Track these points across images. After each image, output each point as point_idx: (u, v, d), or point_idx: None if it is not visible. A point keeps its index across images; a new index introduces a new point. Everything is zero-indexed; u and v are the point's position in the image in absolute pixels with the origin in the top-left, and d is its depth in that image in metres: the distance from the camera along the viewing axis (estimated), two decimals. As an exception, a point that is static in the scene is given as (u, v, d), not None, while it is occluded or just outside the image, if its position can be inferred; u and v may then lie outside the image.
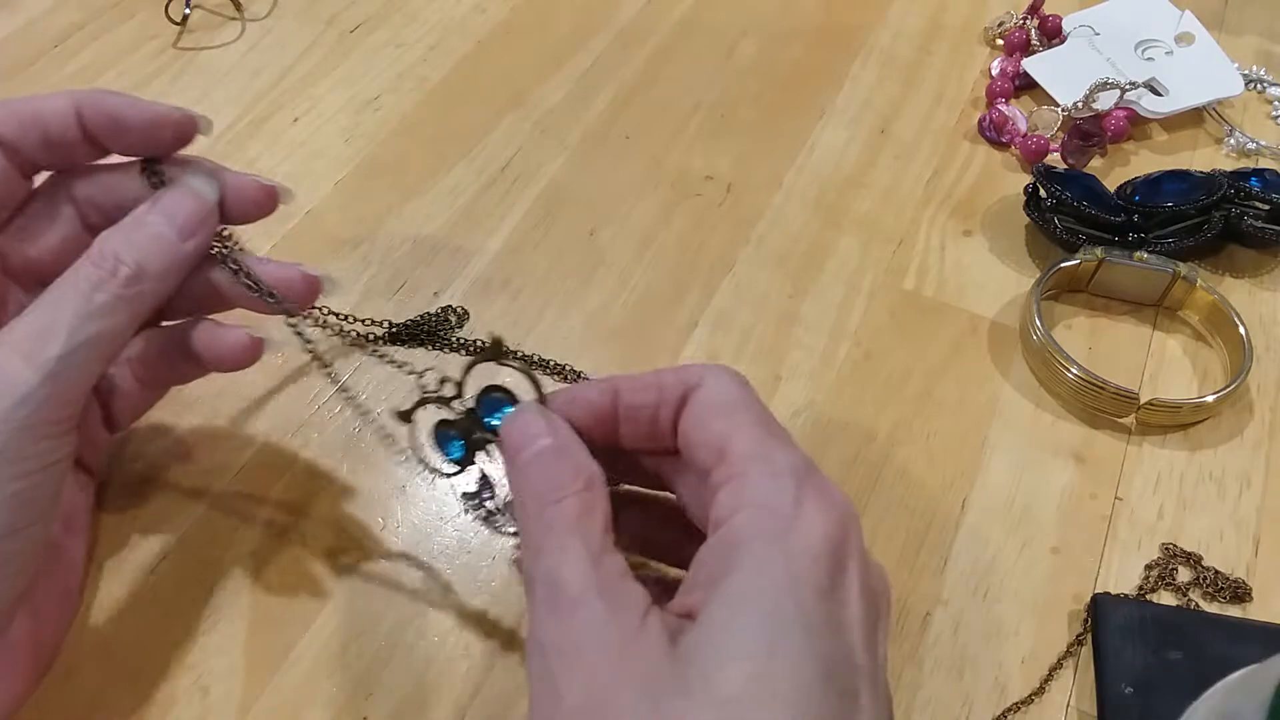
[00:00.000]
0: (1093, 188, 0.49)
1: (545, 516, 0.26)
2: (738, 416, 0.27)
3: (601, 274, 0.48)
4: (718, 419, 0.27)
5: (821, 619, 0.23)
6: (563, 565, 0.25)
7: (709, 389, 0.28)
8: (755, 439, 0.26)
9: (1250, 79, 0.59)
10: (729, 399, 0.28)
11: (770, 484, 0.25)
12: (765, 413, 0.28)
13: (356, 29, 0.59)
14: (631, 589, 0.24)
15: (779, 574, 0.23)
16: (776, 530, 0.24)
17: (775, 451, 0.26)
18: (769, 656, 0.22)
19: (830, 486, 0.26)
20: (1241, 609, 0.39)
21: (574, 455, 0.27)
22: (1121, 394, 0.43)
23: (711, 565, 0.24)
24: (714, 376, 0.28)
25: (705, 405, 0.28)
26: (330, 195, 0.51)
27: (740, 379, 0.29)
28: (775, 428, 0.27)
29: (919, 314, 0.47)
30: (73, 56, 0.56)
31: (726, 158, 0.54)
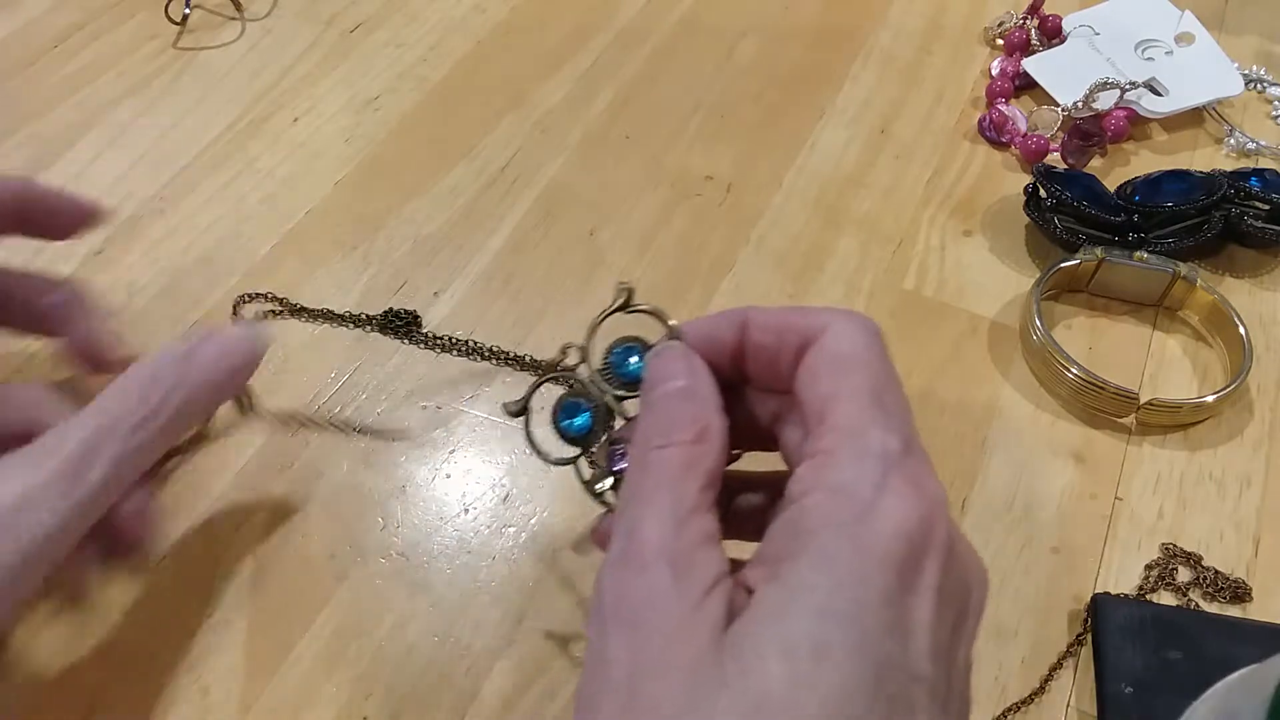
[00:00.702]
0: (1093, 188, 0.49)
1: (647, 461, 0.25)
2: (850, 378, 0.25)
3: (601, 274, 0.48)
4: (828, 377, 0.25)
5: (882, 622, 0.21)
6: (645, 519, 0.24)
7: (831, 340, 0.26)
8: (857, 410, 0.24)
9: (1250, 79, 0.59)
10: (847, 355, 0.26)
11: (854, 468, 0.23)
12: (884, 375, 0.25)
13: (356, 29, 0.59)
14: (707, 558, 0.23)
15: (843, 570, 0.22)
16: (849, 521, 0.22)
17: (872, 429, 0.24)
18: (814, 657, 0.21)
19: (924, 474, 0.24)
20: (1241, 609, 0.39)
21: (697, 402, 0.26)
22: (1121, 394, 0.43)
23: (779, 544, 0.23)
24: (839, 325, 0.26)
25: (822, 358, 0.26)
26: (330, 195, 0.51)
27: (870, 330, 0.26)
28: (889, 395, 0.25)
29: (919, 314, 0.47)
30: (73, 56, 0.56)
31: (726, 158, 0.54)
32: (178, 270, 0.47)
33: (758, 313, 0.28)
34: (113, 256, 0.48)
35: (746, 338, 0.27)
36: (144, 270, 0.47)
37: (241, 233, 0.49)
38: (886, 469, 0.23)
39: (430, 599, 0.37)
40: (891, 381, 0.26)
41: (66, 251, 0.47)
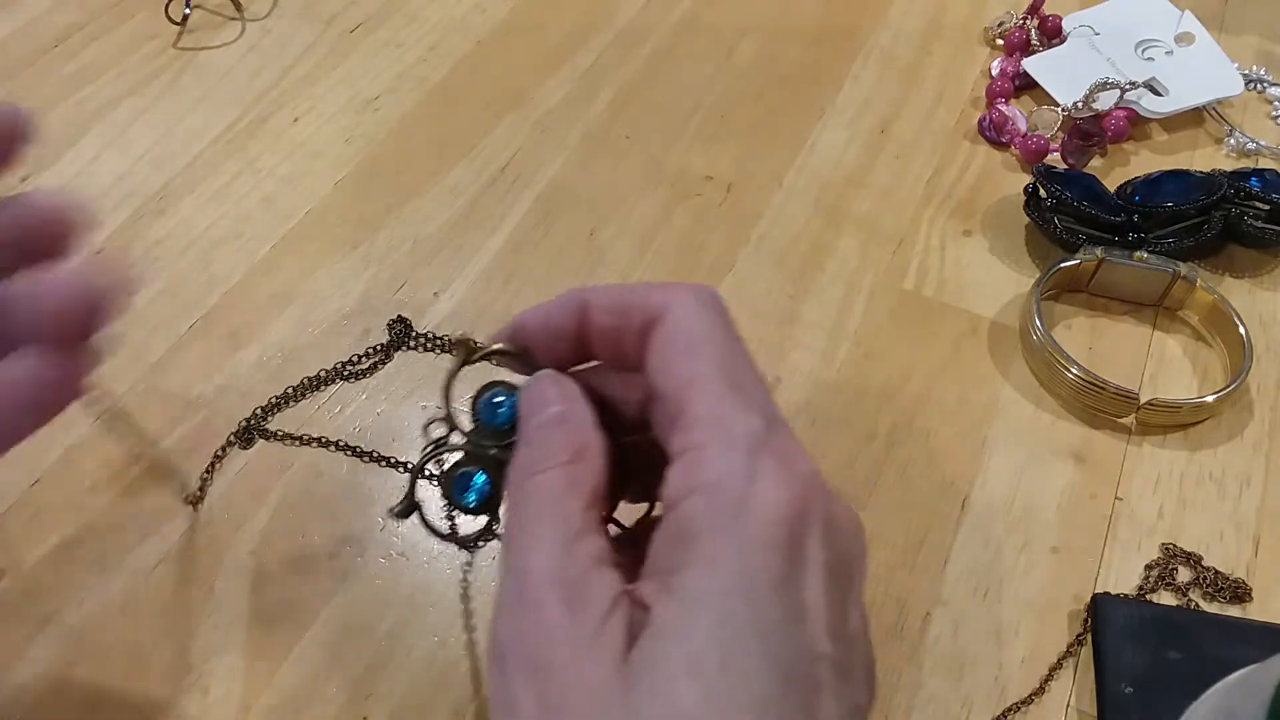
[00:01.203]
0: (1093, 188, 0.49)
1: (525, 490, 0.24)
2: (700, 361, 0.24)
3: (601, 274, 0.48)
4: (678, 361, 0.24)
5: (779, 613, 0.21)
6: (530, 550, 0.23)
7: (674, 320, 0.25)
8: (715, 395, 0.23)
9: (1250, 79, 0.59)
10: (693, 334, 0.24)
11: (722, 460, 0.22)
12: (733, 351, 0.24)
13: (356, 29, 0.59)
14: (600, 582, 0.22)
15: (731, 571, 0.21)
16: (729, 517, 0.22)
17: (732, 413, 0.23)
18: (721, 671, 0.20)
19: (791, 449, 0.23)
20: (1241, 609, 0.39)
21: (572, 422, 0.25)
22: (1121, 394, 0.43)
23: (665, 554, 0.22)
24: (681, 303, 0.25)
25: (669, 341, 0.24)
26: (330, 195, 0.51)
27: (712, 305, 0.25)
28: (742, 372, 0.24)
29: (919, 314, 0.47)
30: (72, 57, 0.56)
31: (726, 158, 0.54)
32: (178, 270, 0.47)
33: (596, 294, 0.26)
34: (113, 256, 0.48)
35: (588, 320, 0.26)
36: (143, 270, 0.47)
37: (241, 233, 0.49)
38: (753, 453, 0.22)
39: (430, 599, 0.37)
40: (742, 355, 0.25)
41: (66, 251, 0.47)
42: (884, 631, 0.38)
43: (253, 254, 0.48)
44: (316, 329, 0.45)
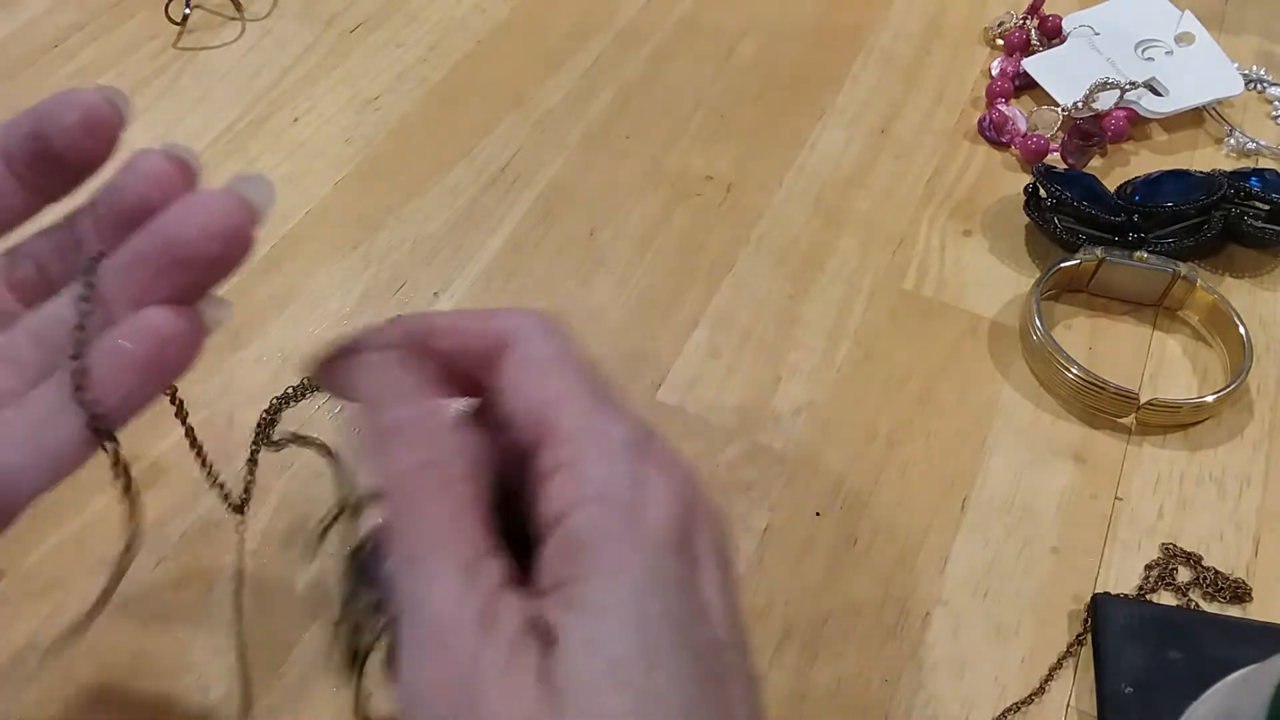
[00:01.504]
0: (1093, 188, 0.49)
1: (406, 521, 0.22)
2: (561, 380, 0.23)
3: (601, 274, 0.48)
4: (538, 384, 0.24)
5: (687, 613, 0.21)
6: (428, 590, 0.21)
7: (525, 344, 0.24)
8: (585, 410, 0.23)
9: (1250, 79, 0.59)
10: (548, 357, 0.24)
11: (606, 469, 0.22)
12: (591, 370, 0.24)
13: (356, 29, 0.59)
14: (508, 609, 0.21)
15: (637, 577, 0.21)
16: (623, 524, 0.21)
17: (608, 424, 0.23)
18: (647, 675, 0.20)
19: (669, 455, 0.23)
20: (1241, 609, 0.39)
21: (446, 430, 0.23)
22: (1121, 394, 0.43)
23: (560, 569, 0.22)
24: (527, 334, 0.24)
25: (524, 364, 0.24)
26: (330, 195, 0.51)
27: (560, 330, 0.25)
28: (603, 389, 0.24)
29: (919, 314, 0.47)
30: (72, 57, 0.56)
31: (726, 158, 0.54)
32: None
33: (443, 318, 0.25)
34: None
35: (434, 346, 0.25)
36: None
37: (241, 233, 0.49)
38: (636, 459, 0.22)
39: (430, 599, 0.37)
40: (597, 373, 0.24)
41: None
42: (884, 631, 0.38)
43: (253, 254, 0.48)
44: (316, 329, 0.45)
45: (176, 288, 0.23)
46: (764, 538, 0.40)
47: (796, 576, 0.39)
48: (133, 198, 0.24)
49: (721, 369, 0.45)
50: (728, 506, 0.40)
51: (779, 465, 0.42)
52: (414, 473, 0.22)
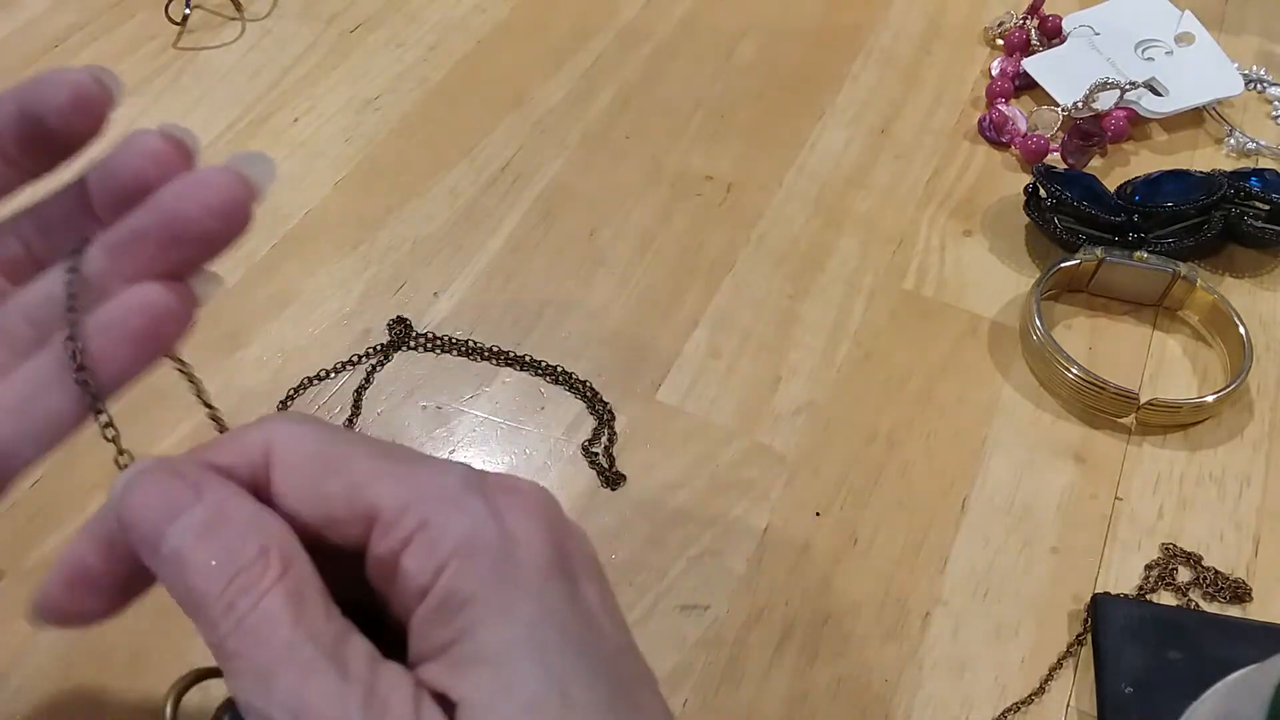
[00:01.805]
0: (1093, 188, 0.49)
1: (248, 629, 0.19)
2: (355, 463, 0.21)
3: (601, 274, 0.48)
4: (328, 479, 0.21)
5: (583, 632, 0.21)
6: (303, 691, 0.19)
7: (287, 449, 0.22)
8: (403, 475, 0.21)
9: (1250, 79, 0.59)
10: (323, 448, 0.22)
11: (461, 517, 0.20)
12: (370, 440, 0.22)
13: (356, 29, 0.59)
14: (393, 686, 0.19)
15: (528, 612, 0.20)
16: (498, 564, 0.20)
17: (434, 477, 0.21)
18: (565, 705, 0.19)
19: (508, 478, 0.22)
20: (1241, 609, 0.39)
21: (247, 521, 0.20)
22: (1121, 394, 0.43)
23: (440, 632, 0.20)
24: (283, 432, 0.22)
25: (298, 471, 0.21)
26: (330, 195, 0.51)
27: (316, 420, 0.23)
28: (400, 450, 0.22)
29: (919, 314, 0.47)
30: (72, 56, 0.56)
31: (726, 158, 0.54)
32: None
33: (181, 464, 0.22)
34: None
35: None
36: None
37: (241, 233, 0.49)
38: (483, 496, 0.21)
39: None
40: (373, 439, 0.22)
41: (66, 251, 0.47)
42: (884, 631, 0.38)
43: (252, 254, 0.48)
44: (316, 329, 0.45)
45: (174, 263, 0.23)
46: (764, 538, 0.40)
47: (796, 576, 0.39)
48: (129, 176, 0.24)
49: (721, 369, 0.45)
50: (728, 506, 0.40)
51: (779, 465, 0.42)
52: (227, 575, 0.20)
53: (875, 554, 0.40)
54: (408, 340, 0.45)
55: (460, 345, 0.45)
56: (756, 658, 0.37)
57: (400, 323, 0.45)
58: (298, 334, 0.45)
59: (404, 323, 0.45)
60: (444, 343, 0.45)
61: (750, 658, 0.37)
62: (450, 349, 0.45)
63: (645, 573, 0.38)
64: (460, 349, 0.45)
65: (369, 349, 0.44)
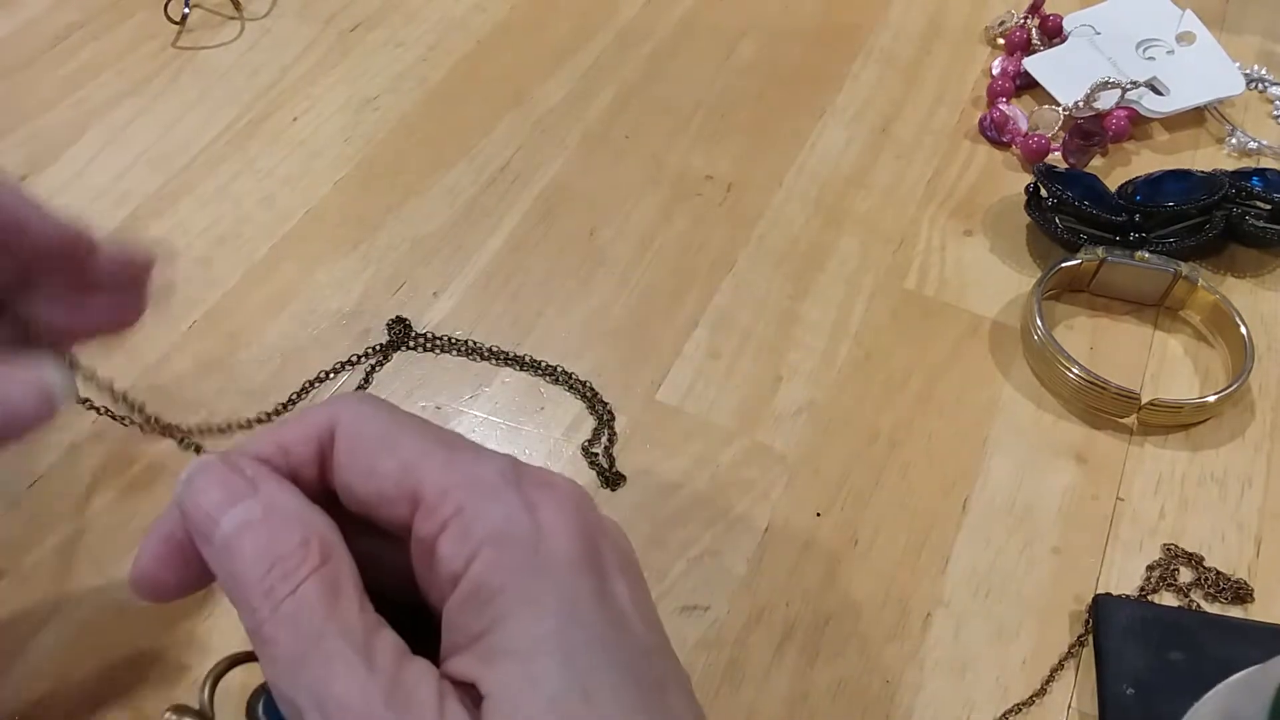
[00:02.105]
0: (1094, 187, 0.49)
1: (282, 618, 0.20)
2: (408, 445, 0.22)
3: (601, 274, 0.48)
4: (384, 456, 0.22)
5: (611, 629, 0.21)
6: (330, 680, 0.19)
7: (353, 428, 0.23)
8: (445, 462, 0.22)
9: (1251, 78, 0.59)
10: (383, 428, 0.22)
11: (495, 507, 0.21)
12: (425, 424, 0.23)
13: (356, 28, 0.59)
14: (418, 679, 0.20)
15: (555, 606, 0.20)
16: (527, 557, 0.21)
17: (475, 467, 0.22)
18: (588, 704, 0.19)
19: (545, 472, 0.22)
20: (1243, 610, 0.39)
21: (293, 515, 0.21)
22: (1123, 394, 0.43)
23: (472, 622, 0.20)
24: (352, 414, 0.23)
25: (359, 446, 0.22)
26: (330, 195, 0.51)
27: (379, 401, 0.24)
28: (450, 436, 0.23)
29: (919, 314, 0.47)
30: (71, 56, 0.56)
31: (726, 158, 0.54)
32: (177, 270, 0.47)
33: (255, 446, 0.23)
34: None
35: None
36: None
37: (241, 233, 0.49)
38: (518, 490, 0.22)
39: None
40: (434, 425, 0.23)
41: (65, 251, 0.47)
42: (885, 632, 0.38)
43: (252, 254, 0.48)
44: (316, 329, 0.45)
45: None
46: (764, 538, 0.40)
47: (797, 576, 0.39)
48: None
49: (721, 369, 0.45)
50: (728, 506, 0.40)
51: (779, 465, 0.42)
52: (268, 562, 0.20)
53: (876, 554, 0.39)
54: (407, 340, 0.45)
55: (460, 345, 0.45)
56: (757, 659, 0.37)
57: (400, 323, 0.45)
58: (297, 334, 0.45)
59: (403, 323, 0.45)
60: (443, 343, 0.45)
61: (751, 659, 0.37)
62: (450, 349, 0.45)
63: (645, 573, 0.38)
64: (460, 349, 0.45)
65: (368, 349, 0.44)
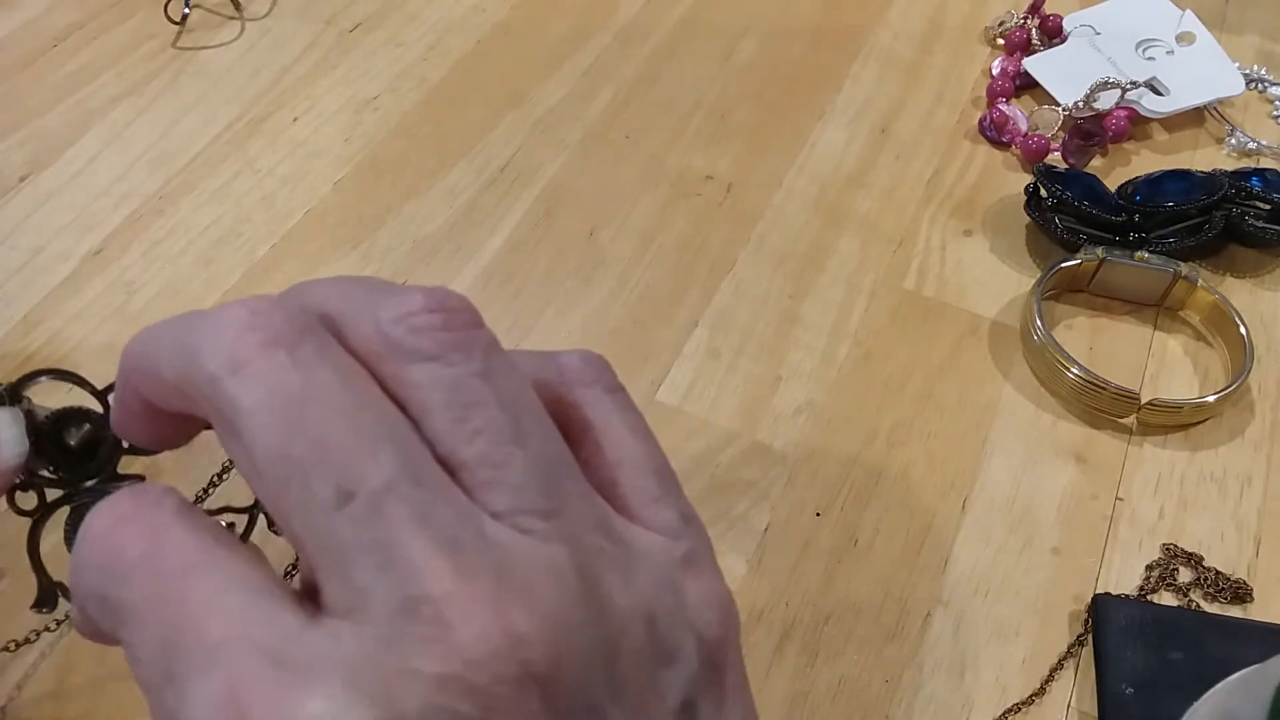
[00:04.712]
0: (1093, 187, 0.49)
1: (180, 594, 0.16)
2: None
3: (601, 274, 0.48)
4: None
5: None
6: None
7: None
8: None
9: (1251, 78, 0.59)
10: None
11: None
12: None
13: (356, 28, 0.59)
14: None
15: None
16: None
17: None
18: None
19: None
20: (1242, 609, 0.39)
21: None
22: (1122, 394, 0.43)
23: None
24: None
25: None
26: (330, 195, 0.51)
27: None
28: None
29: (919, 314, 0.47)
30: (71, 56, 0.56)
31: (726, 158, 0.54)
32: (176, 271, 0.47)
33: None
34: (111, 256, 0.47)
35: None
36: (142, 270, 0.47)
37: (240, 233, 0.49)
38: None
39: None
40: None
41: (64, 252, 0.47)
42: (885, 632, 0.38)
43: (252, 254, 0.48)
44: (316, 329, 0.45)
45: None
46: (764, 538, 0.40)
47: (797, 576, 0.39)
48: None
49: (721, 369, 0.45)
50: (728, 506, 0.40)
51: (779, 465, 0.42)
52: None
53: (875, 554, 0.39)
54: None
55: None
56: (757, 658, 0.37)
57: None
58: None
59: None
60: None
61: (750, 658, 0.37)
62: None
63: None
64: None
65: (368, 349, 0.44)
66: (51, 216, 0.49)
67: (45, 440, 0.23)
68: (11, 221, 0.49)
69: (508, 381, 0.17)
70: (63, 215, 0.49)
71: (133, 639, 0.15)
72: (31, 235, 0.48)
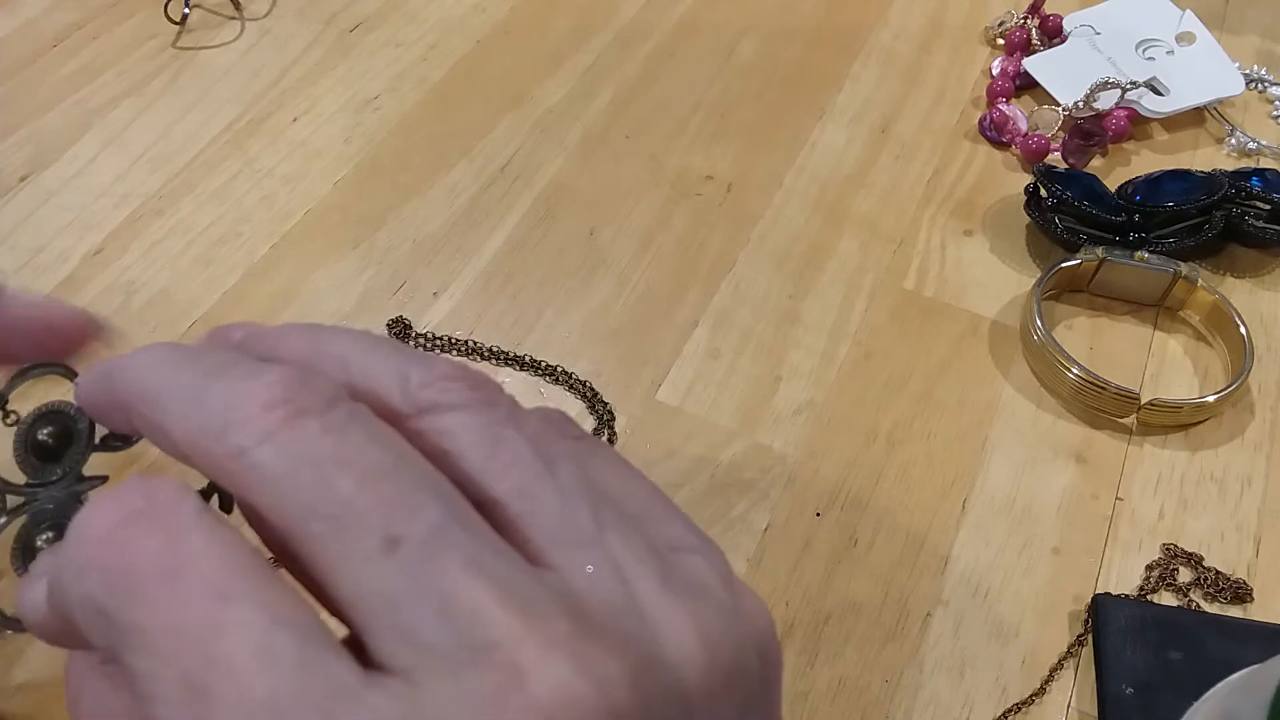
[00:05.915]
0: (1093, 187, 0.49)
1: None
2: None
3: (601, 274, 0.48)
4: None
5: None
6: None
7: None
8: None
9: (1251, 78, 0.59)
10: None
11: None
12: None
13: (356, 28, 0.59)
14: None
15: None
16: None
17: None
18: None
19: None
20: (1242, 609, 0.39)
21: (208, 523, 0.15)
22: (1122, 394, 0.43)
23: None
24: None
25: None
26: (330, 195, 0.51)
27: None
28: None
29: (919, 314, 0.47)
30: (71, 56, 0.56)
31: (726, 158, 0.54)
32: (176, 271, 0.47)
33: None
34: (111, 256, 0.47)
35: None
36: (142, 270, 0.47)
37: (240, 233, 0.49)
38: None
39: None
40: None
41: (64, 252, 0.47)
42: (884, 632, 0.38)
43: (252, 254, 0.48)
44: (316, 329, 0.45)
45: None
46: (764, 538, 0.40)
47: (796, 576, 0.39)
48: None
49: (721, 369, 0.45)
50: (728, 506, 0.40)
51: (779, 465, 0.42)
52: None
53: (875, 554, 0.39)
54: (407, 340, 0.45)
55: (460, 345, 0.45)
56: (756, 658, 0.37)
57: (400, 323, 0.45)
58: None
59: (403, 323, 0.45)
60: (444, 343, 0.45)
61: (750, 658, 0.37)
62: (450, 349, 0.45)
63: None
64: (460, 349, 0.45)
65: (368, 349, 0.44)
66: (51, 216, 0.49)
67: (31, 450, 0.22)
68: (11, 221, 0.49)
69: (533, 427, 0.17)
70: (63, 215, 0.49)
71: (143, 670, 0.14)
72: (31, 235, 0.48)
